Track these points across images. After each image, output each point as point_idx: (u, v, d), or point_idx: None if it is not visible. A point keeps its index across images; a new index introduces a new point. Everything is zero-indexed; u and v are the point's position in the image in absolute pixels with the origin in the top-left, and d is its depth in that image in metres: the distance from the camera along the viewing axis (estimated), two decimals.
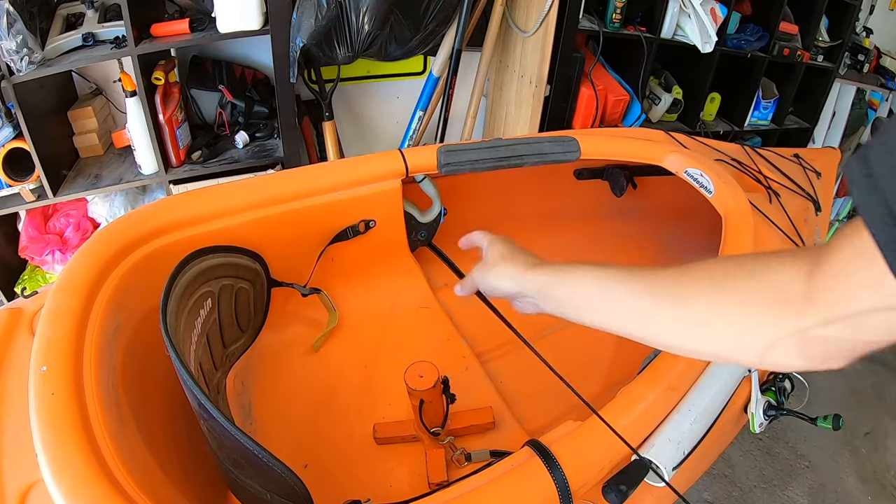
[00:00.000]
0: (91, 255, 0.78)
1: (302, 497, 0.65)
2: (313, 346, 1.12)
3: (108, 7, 1.57)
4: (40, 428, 0.58)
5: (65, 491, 0.54)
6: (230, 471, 0.69)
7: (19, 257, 1.69)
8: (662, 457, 0.71)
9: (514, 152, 1.20)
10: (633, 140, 1.36)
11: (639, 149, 1.32)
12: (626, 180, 1.48)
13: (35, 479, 0.62)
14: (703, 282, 0.47)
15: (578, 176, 1.49)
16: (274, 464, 0.60)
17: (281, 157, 1.73)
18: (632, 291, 0.53)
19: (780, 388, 0.91)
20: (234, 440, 0.60)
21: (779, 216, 1.22)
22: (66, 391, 0.61)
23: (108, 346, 0.72)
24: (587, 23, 1.91)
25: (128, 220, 0.86)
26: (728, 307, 0.44)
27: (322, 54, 1.61)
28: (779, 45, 2.23)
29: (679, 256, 1.54)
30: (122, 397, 0.70)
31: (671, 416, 0.76)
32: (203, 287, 0.86)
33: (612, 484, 0.69)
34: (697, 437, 0.76)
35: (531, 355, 0.93)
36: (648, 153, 1.31)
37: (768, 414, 0.87)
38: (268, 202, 1.00)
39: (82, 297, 0.72)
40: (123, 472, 0.58)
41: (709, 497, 1.46)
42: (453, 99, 1.89)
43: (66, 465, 0.56)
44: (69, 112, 1.68)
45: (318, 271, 1.12)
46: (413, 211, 1.23)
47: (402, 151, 1.13)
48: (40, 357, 0.64)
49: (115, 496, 0.55)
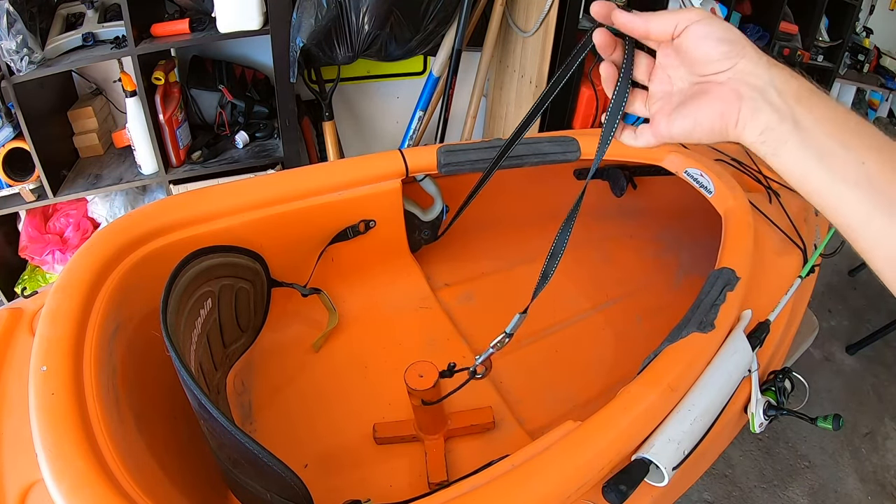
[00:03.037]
0: (91, 255, 0.78)
1: (302, 497, 0.65)
2: (313, 346, 1.12)
3: (108, 7, 1.57)
4: (40, 428, 0.58)
5: (65, 491, 0.54)
6: (230, 471, 0.69)
7: (19, 257, 1.69)
8: (662, 457, 0.71)
9: (513, 152, 1.19)
10: None
11: (639, 148, 1.32)
12: (627, 180, 1.48)
13: (35, 478, 0.62)
14: None
15: (578, 176, 1.49)
16: (274, 464, 0.60)
17: (281, 157, 1.73)
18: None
19: (780, 387, 0.91)
20: (234, 440, 0.60)
21: (779, 216, 1.22)
22: (66, 391, 0.61)
23: (109, 346, 0.72)
24: (587, 23, 1.91)
25: (128, 220, 0.87)
26: None
27: (322, 54, 1.61)
28: (779, 45, 2.23)
29: (679, 256, 1.54)
30: (122, 397, 0.70)
31: (671, 416, 0.76)
32: (203, 287, 0.86)
33: (612, 484, 0.69)
34: (697, 437, 0.76)
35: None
36: (648, 153, 1.31)
37: (768, 414, 0.87)
38: (268, 202, 1.00)
39: (82, 297, 0.72)
40: (123, 471, 0.58)
41: (709, 497, 1.46)
42: (453, 99, 1.89)
43: (66, 465, 0.56)
44: (69, 112, 1.68)
45: (319, 271, 1.12)
46: (415, 210, 1.23)
47: (402, 151, 1.13)
48: (40, 357, 0.64)
49: (115, 496, 0.55)
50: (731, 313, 0.89)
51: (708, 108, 0.43)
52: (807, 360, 1.88)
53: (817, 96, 0.40)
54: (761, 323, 0.95)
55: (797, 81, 0.41)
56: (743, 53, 0.41)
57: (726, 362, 0.84)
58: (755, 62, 0.41)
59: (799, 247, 1.15)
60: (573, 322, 1.34)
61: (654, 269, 1.52)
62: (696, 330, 0.84)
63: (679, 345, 0.82)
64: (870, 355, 1.95)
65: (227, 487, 0.83)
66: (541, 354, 1.23)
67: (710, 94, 0.43)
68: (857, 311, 2.16)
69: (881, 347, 1.97)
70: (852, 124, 0.39)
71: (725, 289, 0.91)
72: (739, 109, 0.41)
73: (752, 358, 0.90)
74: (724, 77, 0.42)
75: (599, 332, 1.33)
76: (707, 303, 0.89)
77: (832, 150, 0.38)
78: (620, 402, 0.74)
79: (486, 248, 1.47)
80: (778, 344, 0.99)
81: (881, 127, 0.40)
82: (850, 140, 0.38)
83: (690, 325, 0.85)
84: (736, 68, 0.41)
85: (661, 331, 0.88)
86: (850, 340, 1.99)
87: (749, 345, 0.89)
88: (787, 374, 0.93)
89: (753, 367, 0.90)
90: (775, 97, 0.40)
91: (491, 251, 1.47)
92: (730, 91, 0.42)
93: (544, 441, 0.70)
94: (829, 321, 2.11)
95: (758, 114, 0.41)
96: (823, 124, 0.39)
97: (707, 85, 0.43)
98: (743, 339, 0.89)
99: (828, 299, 2.22)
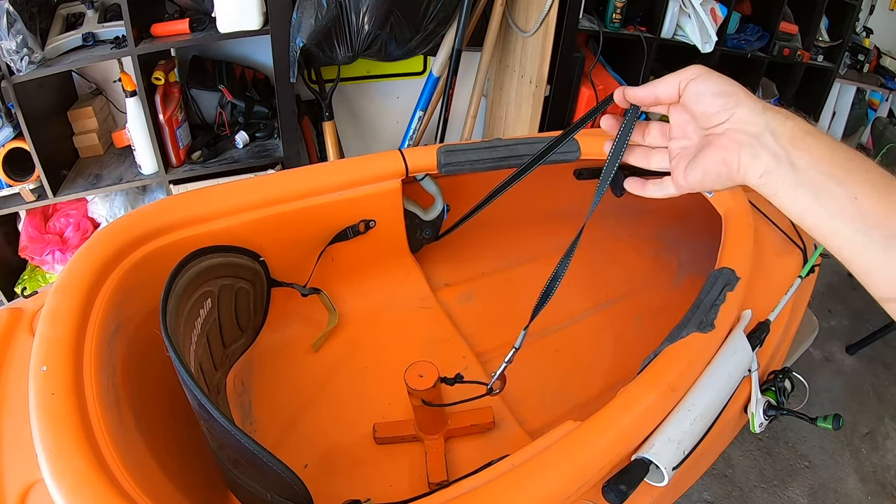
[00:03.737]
0: (91, 255, 0.78)
1: (302, 497, 0.65)
2: (313, 346, 1.12)
3: (108, 7, 1.57)
4: (40, 428, 0.58)
5: (65, 490, 0.54)
6: (230, 471, 0.69)
7: (19, 257, 1.69)
8: (662, 457, 0.71)
9: (513, 152, 1.20)
10: None
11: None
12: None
13: (35, 479, 0.62)
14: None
15: (578, 176, 1.49)
16: (274, 463, 0.60)
17: (281, 157, 1.73)
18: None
19: (780, 387, 0.91)
20: (235, 440, 0.60)
21: (778, 216, 1.22)
22: (66, 391, 0.61)
23: (109, 346, 0.72)
24: (587, 23, 1.91)
25: (128, 220, 0.86)
26: None
27: (322, 54, 1.61)
28: (779, 45, 2.23)
29: (679, 256, 1.54)
30: (122, 397, 0.70)
31: (671, 416, 0.76)
32: (203, 287, 0.86)
33: (612, 484, 0.69)
34: (698, 436, 0.76)
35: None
36: None
37: (768, 414, 0.87)
38: (267, 202, 1.00)
39: (82, 297, 0.72)
40: (123, 471, 0.58)
41: (709, 497, 1.46)
42: (453, 99, 1.89)
43: (66, 464, 0.56)
44: (69, 112, 1.68)
45: (319, 271, 1.12)
46: (416, 209, 1.23)
47: (402, 151, 1.13)
48: (40, 357, 0.64)
49: (114, 496, 0.55)
50: (730, 313, 0.89)
51: (713, 157, 0.46)
52: (807, 360, 1.88)
53: (812, 136, 0.42)
54: (761, 323, 0.95)
55: (792, 122, 0.43)
56: (739, 103, 0.44)
57: (726, 362, 0.84)
58: (751, 109, 0.44)
59: (799, 247, 1.15)
60: (573, 322, 1.34)
61: (655, 269, 1.52)
62: (695, 330, 0.84)
63: (679, 345, 0.82)
64: (870, 355, 1.95)
65: (227, 487, 0.83)
66: (541, 354, 1.23)
67: (713, 145, 0.46)
68: (857, 311, 2.16)
69: (881, 347, 1.97)
70: (846, 161, 0.41)
71: (725, 289, 0.91)
72: (739, 156, 0.44)
73: (752, 358, 0.90)
74: (724, 128, 0.45)
75: (600, 331, 1.33)
76: (707, 303, 0.89)
77: (826, 188, 0.41)
78: (620, 402, 0.74)
79: (486, 248, 1.47)
80: (778, 344, 0.99)
81: (881, 126, 0.41)
82: (844, 177, 0.40)
83: (690, 325, 0.85)
84: (734, 118, 0.45)
85: (661, 330, 0.88)
86: (850, 340, 1.99)
87: (749, 345, 0.89)
88: (787, 374, 0.93)
89: (753, 366, 0.90)
90: (771, 142, 0.43)
91: (491, 251, 1.47)
92: (730, 140, 0.45)
93: (544, 441, 0.70)
94: (829, 321, 2.11)
95: (756, 159, 0.43)
96: (818, 164, 0.41)
97: (711, 136, 0.47)
98: (743, 339, 0.89)
99: (828, 299, 2.22)
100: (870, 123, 2.90)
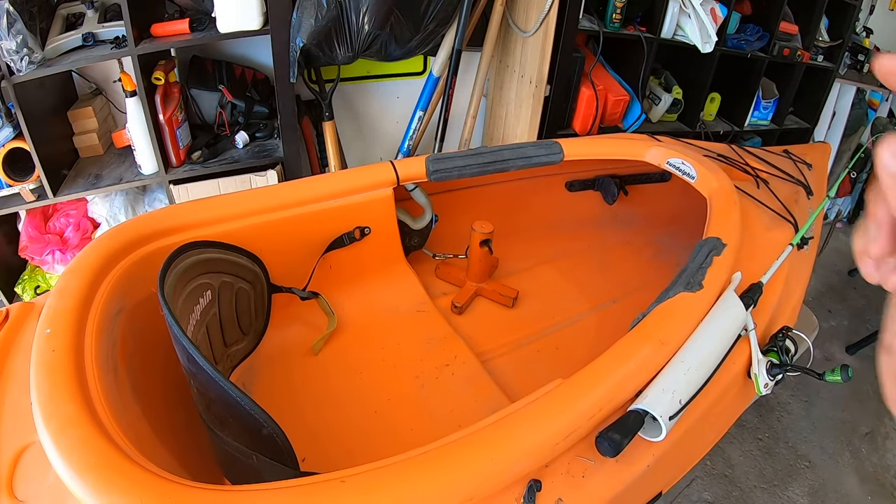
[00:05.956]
0: (100, 247, 0.82)
1: (285, 452, 0.65)
2: (313, 349, 1.12)
3: (108, 7, 1.57)
4: (36, 377, 0.60)
5: (52, 431, 0.56)
6: (219, 437, 0.69)
7: (19, 257, 1.69)
8: (657, 406, 0.69)
9: (498, 157, 1.25)
10: (615, 140, 1.40)
11: (620, 146, 1.36)
12: (617, 188, 1.49)
13: (29, 441, 0.64)
14: None
15: (570, 188, 1.51)
16: (256, 411, 0.62)
17: (281, 157, 1.73)
18: None
19: (781, 346, 0.89)
20: (219, 388, 0.61)
21: (768, 199, 1.23)
22: (67, 350, 0.64)
23: (111, 324, 0.75)
24: (587, 23, 1.91)
25: (136, 222, 0.92)
26: None
27: (322, 54, 1.61)
28: (779, 45, 2.23)
29: (678, 257, 1.54)
30: (120, 368, 0.72)
31: (665, 370, 0.75)
32: (202, 277, 0.88)
33: (605, 433, 0.67)
34: (694, 387, 0.74)
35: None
36: (630, 150, 1.34)
37: (772, 374, 0.85)
38: (266, 209, 1.04)
39: (89, 278, 0.76)
40: (114, 424, 0.60)
41: (709, 497, 1.46)
42: (453, 99, 1.89)
43: (57, 408, 0.58)
44: (69, 112, 1.68)
45: (317, 278, 1.13)
46: (406, 219, 1.27)
47: (392, 162, 1.18)
48: (45, 322, 0.67)
49: (101, 440, 0.56)
50: (719, 275, 0.90)
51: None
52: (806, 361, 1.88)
53: None
54: (753, 284, 0.95)
55: None
56: None
57: (719, 318, 0.84)
58: None
59: (790, 221, 1.16)
60: (573, 322, 1.34)
61: (653, 271, 1.53)
62: (683, 290, 0.84)
63: (668, 304, 0.83)
64: (870, 355, 1.95)
65: (222, 474, 0.83)
66: (542, 353, 1.24)
67: None
68: (857, 311, 2.16)
69: None
70: None
71: (711, 253, 0.93)
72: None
73: (748, 317, 0.89)
74: None
75: (600, 331, 1.33)
76: (693, 267, 0.90)
77: None
78: (612, 355, 0.74)
79: None
80: (775, 307, 0.99)
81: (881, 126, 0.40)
82: None
83: (678, 286, 0.86)
84: None
85: None
86: (850, 340, 1.99)
87: (742, 303, 0.88)
88: (786, 334, 0.91)
89: (750, 325, 0.89)
90: None
91: None
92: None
93: (531, 396, 0.70)
94: (829, 321, 2.11)
95: None
96: None
97: None
98: (734, 297, 0.89)
99: (828, 299, 2.23)
100: (870, 123, 2.90)
